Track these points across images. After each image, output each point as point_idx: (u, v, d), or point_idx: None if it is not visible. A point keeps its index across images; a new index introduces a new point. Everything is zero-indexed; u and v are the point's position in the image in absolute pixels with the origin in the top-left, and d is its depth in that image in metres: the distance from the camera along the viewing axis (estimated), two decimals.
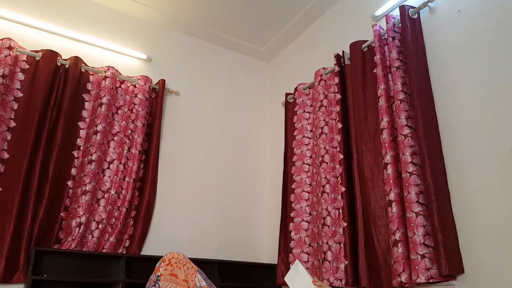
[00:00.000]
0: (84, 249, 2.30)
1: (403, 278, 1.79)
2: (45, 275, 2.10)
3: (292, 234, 2.60)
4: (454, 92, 1.89)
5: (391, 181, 1.93)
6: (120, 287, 2.20)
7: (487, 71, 1.77)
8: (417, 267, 1.71)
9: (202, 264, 1.81)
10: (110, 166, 2.51)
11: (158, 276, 1.34)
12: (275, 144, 3.18)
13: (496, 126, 1.68)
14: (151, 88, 2.78)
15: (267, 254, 2.96)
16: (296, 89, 2.92)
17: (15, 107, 2.33)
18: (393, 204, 1.90)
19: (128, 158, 2.57)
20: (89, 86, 2.58)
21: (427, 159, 1.80)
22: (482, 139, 1.72)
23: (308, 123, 2.76)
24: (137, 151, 2.60)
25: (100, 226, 2.37)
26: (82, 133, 2.47)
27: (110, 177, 2.49)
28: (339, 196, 2.31)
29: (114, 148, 2.55)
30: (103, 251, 2.36)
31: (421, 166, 1.84)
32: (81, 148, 2.43)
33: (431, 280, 1.68)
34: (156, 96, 2.83)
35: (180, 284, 1.35)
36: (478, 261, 1.62)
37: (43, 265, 2.13)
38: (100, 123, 2.52)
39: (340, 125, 2.40)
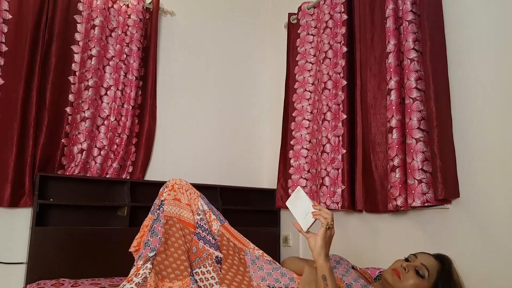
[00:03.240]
0: (88, 175, 2.35)
1: (399, 201, 1.84)
2: (51, 199, 2.17)
3: (292, 161, 2.64)
4: (466, 14, 1.78)
5: (393, 107, 1.90)
6: (125, 210, 2.29)
7: None
8: (413, 192, 1.75)
9: (204, 189, 1.85)
10: (108, 92, 2.47)
11: (162, 200, 1.37)
12: (276, 70, 3.08)
13: (507, 54, 1.61)
14: (144, 7, 2.63)
15: (267, 180, 3.03)
16: (300, 8, 2.76)
17: (5, 30, 2.23)
18: (394, 130, 1.89)
19: (125, 84, 2.52)
20: (80, 7, 2.44)
21: (432, 85, 1.75)
22: (490, 66, 1.66)
23: (312, 47, 2.66)
24: (134, 77, 2.53)
25: (102, 152, 2.39)
26: (77, 57, 2.39)
27: (108, 103, 2.46)
28: (340, 124, 2.30)
29: (110, 74, 2.49)
30: (107, 176, 2.41)
31: (425, 91, 1.80)
32: (77, 73, 2.38)
33: (426, 204, 1.73)
34: (150, 16, 2.69)
35: (184, 208, 1.38)
36: (473, 186, 1.65)
37: (49, 190, 2.19)
38: (94, 46, 2.42)
39: (345, 49, 2.31)
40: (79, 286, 1.78)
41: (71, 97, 2.34)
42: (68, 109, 2.33)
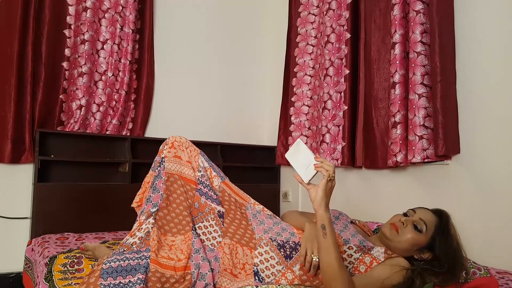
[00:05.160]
0: (88, 131, 2.34)
1: (399, 158, 1.85)
2: (52, 156, 2.17)
3: (292, 118, 2.63)
4: None
5: (397, 61, 1.86)
6: (127, 167, 2.30)
7: None
8: (413, 148, 1.74)
9: (205, 147, 1.85)
10: (104, 46, 2.40)
11: (163, 158, 1.37)
12: (278, 22, 2.97)
13: None
14: None
15: (267, 137, 3.03)
16: None
17: None
18: (397, 86, 1.86)
19: (121, 38, 2.44)
20: None
21: (438, 38, 1.69)
22: (497, 20, 1.60)
23: None
24: (130, 30, 2.46)
25: (101, 108, 2.37)
26: (71, 9, 2.30)
27: (105, 58, 2.40)
28: (342, 79, 2.26)
29: (106, 27, 2.41)
30: (107, 133, 2.40)
31: (430, 45, 1.74)
32: (72, 26, 2.30)
33: (426, 160, 1.74)
34: None
35: (184, 165, 1.38)
36: (474, 143, 1.65)
37: (49, 147, 2.19)
38: None
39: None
40: (83, 240, 1.83)
41: (67, 52, 2.29)
42: (64, 64, 2.28)
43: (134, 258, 1.10)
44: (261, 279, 1.22)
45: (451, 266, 1.17)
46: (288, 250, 1.25)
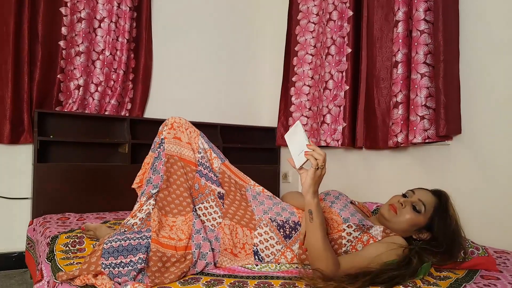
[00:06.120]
0: (86, 112, 2.33)
1: (400, 138, 1.84)
2: (51, 136, 2.17)
3: (293, 98, 2.60)
4: None
5: (400, 40, 1.83)
6: (126, 147, 2.30)
7: None
8: (415, 128, 1.73)
9: (205, 128, 1.84)
10: (101, 24, 2.36)
11: (162, 139, 1.36)
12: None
13: None
14: None
15: (267, 118, 3.01)
16: None
17: None
18: (399, 65, 1.83)
19: (119, 15, 2.40)
20: None
21: (441, 16, 1.66)
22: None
23: None
24: (128, 8, 2.41)
25: (99, 88, 2.35)
26: None
27: (102, 37, 2.36)
28: (344, 58, 2.22)
29: (103, 4, 2.36)
30: (106, 113, 2.38)
31: (433, 24, 1.71)
32: (68, 4, 2.26)
33: (427, 140, 1.73)
34: None
35: (184, 147, 1.38)
36: (476, 123, 1.64)
37: (48, 127, 2.18)
38: None
39: None
40: (84, 220, 1.84)
41: (64, 30, 2.25)
42: (61, 43, 2.25)
43: (135, 238, 1.11)
44: (260, 259, 1.23)
45: (450, 246, 1.18)
46: (287, 230, 1.26)
